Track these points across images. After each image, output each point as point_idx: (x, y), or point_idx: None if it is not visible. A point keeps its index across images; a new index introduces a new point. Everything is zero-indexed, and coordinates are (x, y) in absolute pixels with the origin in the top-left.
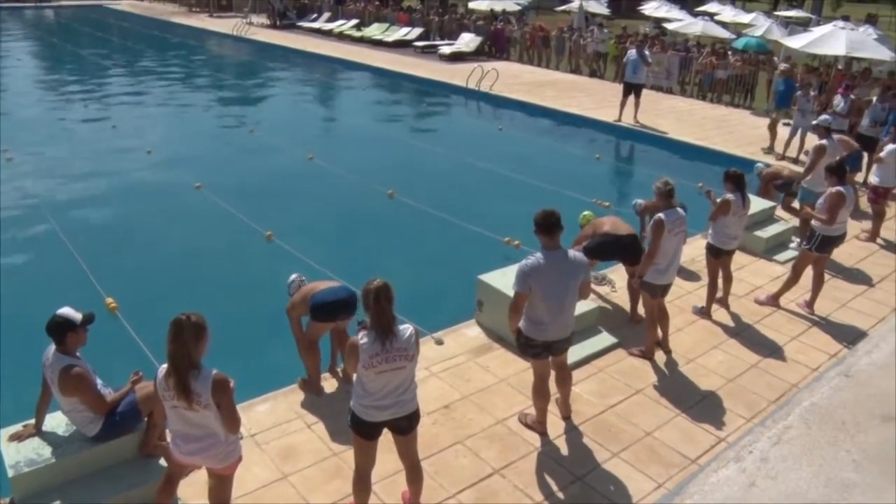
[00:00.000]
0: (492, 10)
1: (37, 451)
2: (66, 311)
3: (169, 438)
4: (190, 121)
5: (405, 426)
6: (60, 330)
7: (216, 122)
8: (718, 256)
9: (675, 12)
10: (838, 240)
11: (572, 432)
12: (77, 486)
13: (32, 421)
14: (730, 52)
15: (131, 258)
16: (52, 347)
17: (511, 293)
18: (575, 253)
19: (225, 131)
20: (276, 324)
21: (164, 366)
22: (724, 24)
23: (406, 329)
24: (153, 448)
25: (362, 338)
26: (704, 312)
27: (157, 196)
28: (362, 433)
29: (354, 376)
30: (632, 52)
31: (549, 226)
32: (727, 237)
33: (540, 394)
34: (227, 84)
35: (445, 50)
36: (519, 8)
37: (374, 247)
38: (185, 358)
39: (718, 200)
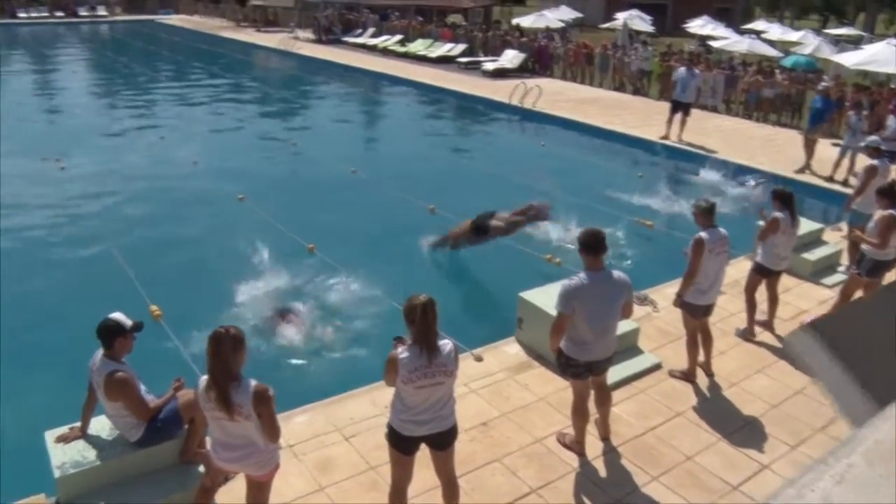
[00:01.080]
0: (546, 27)
1: (82, 453)
2: (117, 315)
3: (209, 446)
4: (235, 133)
5: (443, 442)
6: (110, 334)
7: (261, 134)
8: (768, 276)
9: (720, 30)
10: (890, 264)
11: (611, 454)
12: (119, 489)
13: (78, 424)
14: (777, 71)
15: (175, 266)
16: (100, 352)
17: (552, 311)
18: (619, 273)
19: (269, 144)
20: (314, 336)
21: (205, 377)
22: (771, 43)
23: (446, 345)
24: (193, 455)
25: (402, 352)
26: (748, 333)
27: (202, 206)
28: (400, 448)
29: (393, 391)
30: (681, 70)
31: (593, 245)
32: (777, 257)
33: (580, 414)
34: (272, 97)
35: (489, 66)
36: (563, 25)
37: (415, 261)
38: (225, 371)
39: (768, 219)
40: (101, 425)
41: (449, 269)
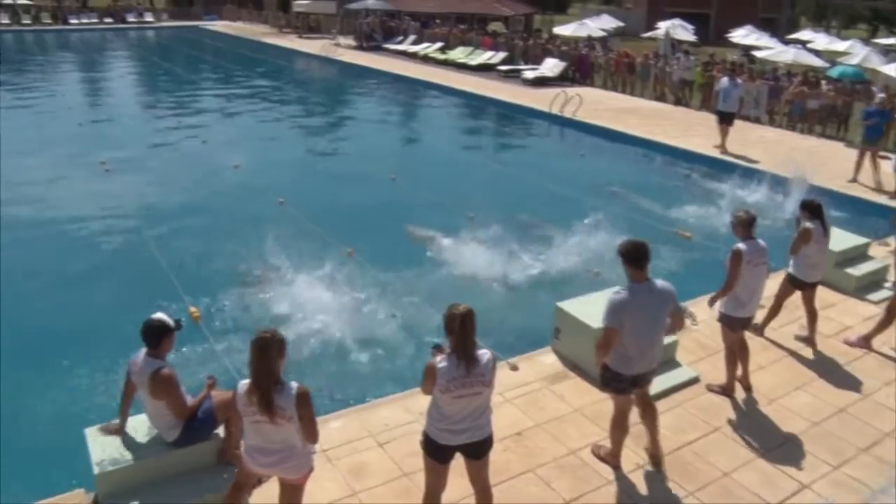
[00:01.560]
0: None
1: (120, 451)
2: (160, 315)
3: (242, 449)
4: (276, 137)
5: (479, 451)
6: (157, 334)
7: (301, 139)
8: (802, 289)
9: (765, 40)
10: None
11: (646, 468)
12: (156, 488)
13: (117, 420)
14: (823, 82)
15: (214, 268)
16: (143, 352)
17: (589, 321)
18: (662, 283)
19: (309, 149)
20: (350, 340)
21: (245, 382)
22: (817, 53)
23: (484, 354)
24: (231, 456)
25: (440, 361)
26: (758, 331)
27: (242, 209)
28: (435, 456)
29: (429, 399)
30: (723, 80)
31: (637, 257)
32: (809, 267)
33: (619, 427)
34: (312, 102)
35: (529, 74)
36: (604, 34)
37: (452, 268)
38: (269, 374)
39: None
40: (138, 424)
41: (487, 277)
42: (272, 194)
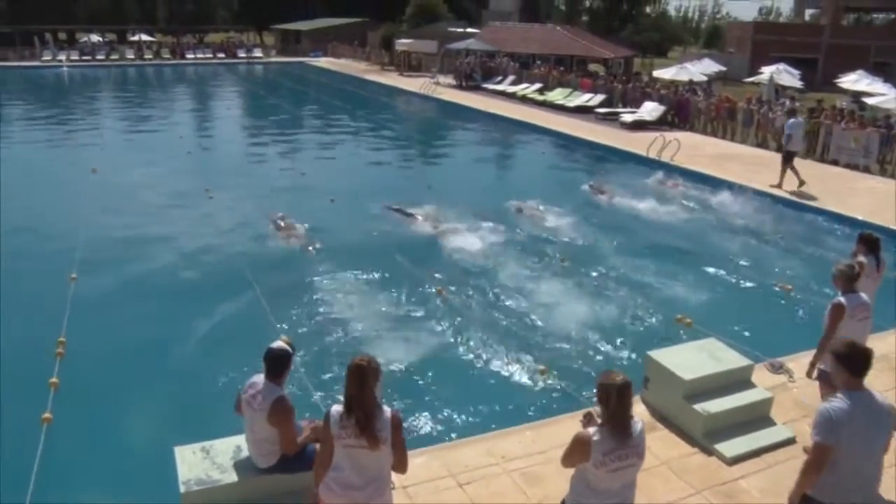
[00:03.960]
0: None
1: (207, 472)
2: (282, 344)
3: (325, 485)
4: (373, 171)
5: None
6: (283, 362)
7: (398, 174)
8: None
9: (877, 86)
10: None
11: None
12: None
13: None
14: None
15: (306, 297)
16: (261, 377)
17: (680, 373)
18: (881, 396)
19: (405, 184)
20: (441, 377)
21: (338, 407)
22: None
23: (637, 423)
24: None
25: (594, 434)
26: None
27: (337, 242)
28: None
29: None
30: (794, 119)
31: (857, 363)
32: None
33: None
34: (410, 138)
35: (627, 118)
36: (705, 78)
37: (543, 313)
38: (370, 399)
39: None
40: (226, 446)
41: (578, 322)
42: (368, 227)
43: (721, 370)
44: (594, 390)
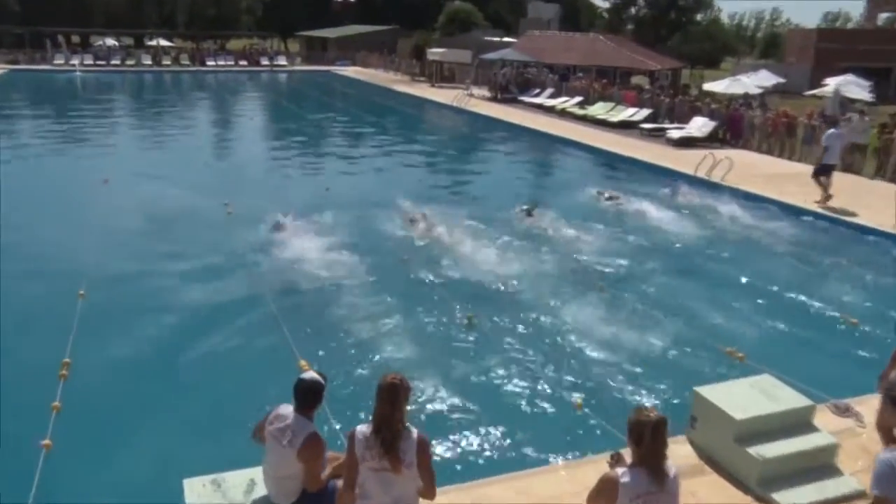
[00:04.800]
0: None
1: None
2: (314, 375)
3: None
4: (402, 187)
5: None
6: (316, 395)
7: (427, 191)
8: None
9: None
10: None
11: None
12: None
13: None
14: None
15: (328, 321)
16: (289, 408)
17: (731, 412)
18: None
19: (437, 202)
20: (468, 407)
21: (363, 427)
22: None
23: (671, 467)
24: None
25: (623, 475)
26: None
27: (362, 258)
28: None
29: None
30: (833, 131)
31: None
32: None
33: None
34: (441, 153)
35: (674, 134)
36: (761, 91)
37: (579, 341)
38: (398, 419)
39: None
40: (240, 479)
41: (617, 351)
42: (391, 248)
43: (778, 410)
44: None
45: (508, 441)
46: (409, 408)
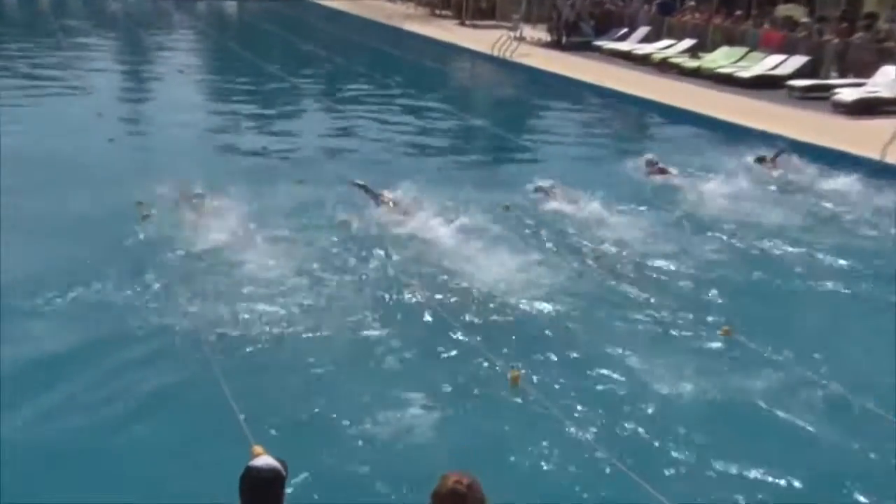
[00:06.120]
0: None
1: None
2: (270, 461)
3: None
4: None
5: None
6: (271, 490)
7: (453, 189)
8: None
9: None
10: None
11: None
12: None
13: None
14: None
15: (292, 374)
16: None
17: None
18: None
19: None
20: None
21: None
22: None
23: None
24: None
25: None
26: None
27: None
28: None
29: None
30: None
31: None
32: None
33: None
34: (474, 133)
35: (846, 95)
36: None
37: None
38: None
39: None
40: None
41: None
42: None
43: None
44: None
45: None
46: None
